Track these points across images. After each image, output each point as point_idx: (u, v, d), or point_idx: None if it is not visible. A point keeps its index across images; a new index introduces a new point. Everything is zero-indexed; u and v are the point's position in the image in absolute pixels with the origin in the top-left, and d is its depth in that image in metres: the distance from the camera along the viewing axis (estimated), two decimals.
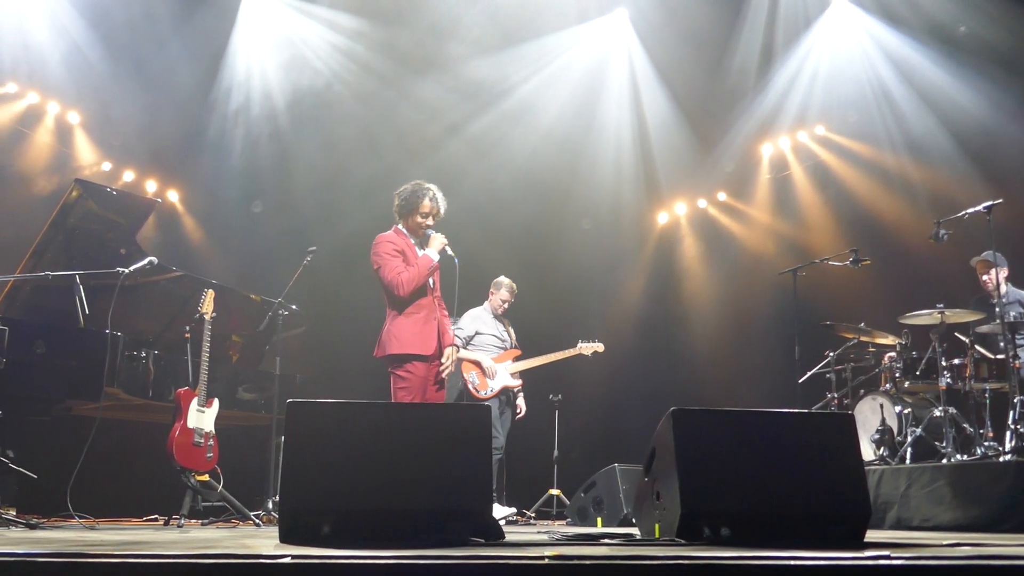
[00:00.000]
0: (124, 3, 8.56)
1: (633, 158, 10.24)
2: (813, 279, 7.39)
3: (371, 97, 9.57)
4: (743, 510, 3.32)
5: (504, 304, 7.54)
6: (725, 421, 3.55)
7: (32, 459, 5.21)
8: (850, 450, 3.50)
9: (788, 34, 9.18)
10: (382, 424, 3.36)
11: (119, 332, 5.77)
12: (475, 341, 7.39)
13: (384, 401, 4.53)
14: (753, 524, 3.30)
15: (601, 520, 6.98)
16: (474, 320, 7.48)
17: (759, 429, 3.52)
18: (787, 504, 3.36)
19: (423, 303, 5.27)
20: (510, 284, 7.58)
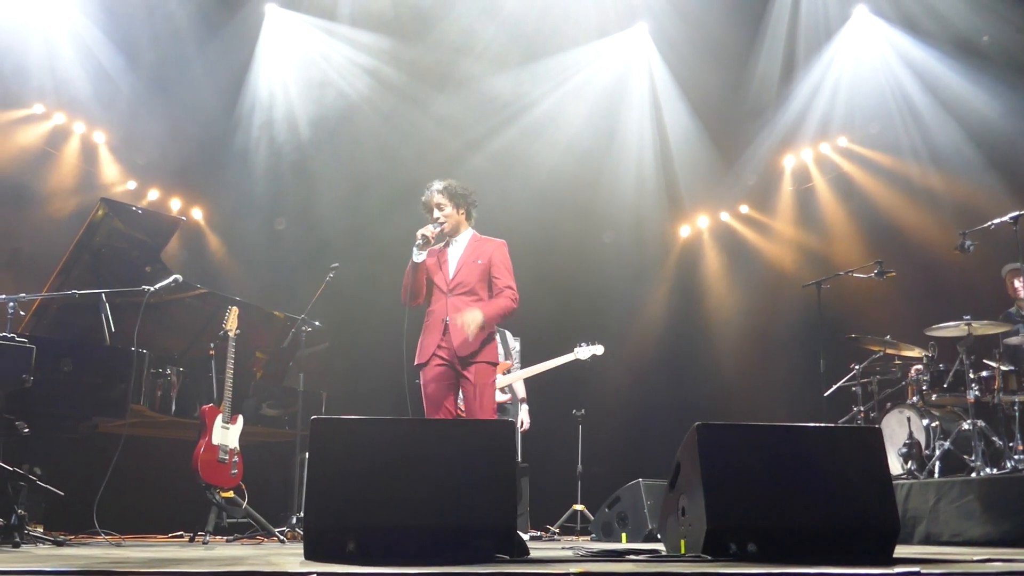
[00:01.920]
0: (149, 24, 8.66)
1: (654, 172, 10.23)
2: (837, 291, 7.34)
3: (392, 114, 9.62)
4: (770, 525, 3.30)
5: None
6: (750, 436, 3.52)
7: (59, 476, 5.24)
8: (878, 464, 3.47)
9: (809, 45, 9.14)
10: (406, 440, 3.36)
11: (144, 349, 5.81)
12: None
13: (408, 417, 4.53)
14: (780, 540, 3.27)
15: (626, 536, 6.94)
16: None
17: (785, 444, 3.49)
18: (814, 519, 3.32)
19: (432, 309, 5.13)
20: None
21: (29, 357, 4.68)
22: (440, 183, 5.20)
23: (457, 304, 5.03)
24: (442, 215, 5.14)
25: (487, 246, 5.22)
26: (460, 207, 5.21)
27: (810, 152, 9.74)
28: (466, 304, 5.02)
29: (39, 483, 4.88)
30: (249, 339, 6.66)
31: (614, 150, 10.09)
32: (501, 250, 5.24)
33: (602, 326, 9.73)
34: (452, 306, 5.03)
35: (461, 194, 5.22)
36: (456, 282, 5.10)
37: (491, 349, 5.09)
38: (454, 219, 5.18)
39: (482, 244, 5.22)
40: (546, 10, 9.08)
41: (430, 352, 5.00)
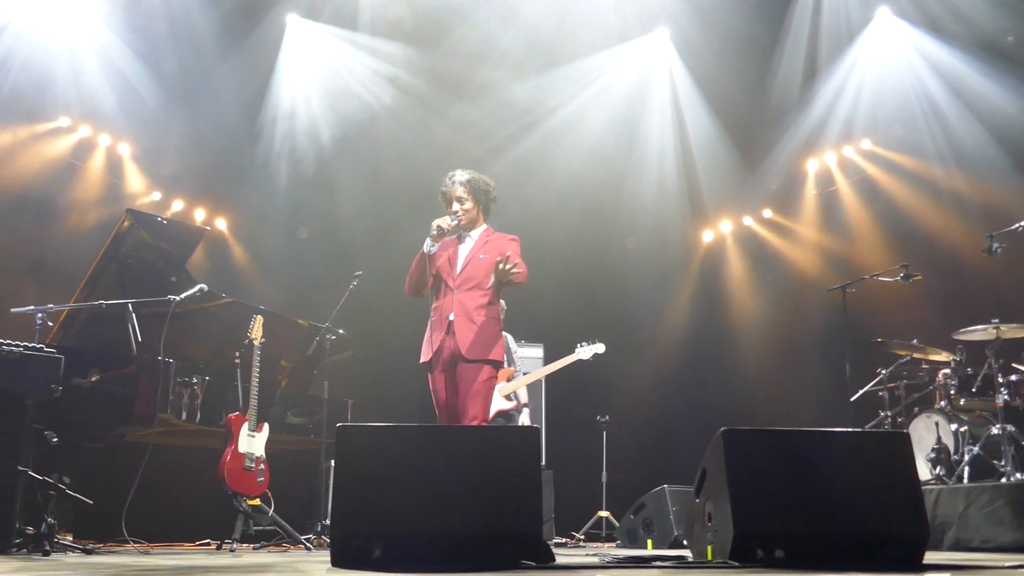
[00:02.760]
0: (172, 36, 8.75)
1: (676, 176, 10.21)
2: (863, 295, 7.27)
3: (413, 122, 9.66)
4: (797, 532, 3.27)
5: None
6: (777, 441, 3.50)
7: (87, 485, 5.28)
8: (906, 469, 3.44)
9: (831, 48, 9.10)
10: (431, 447, 3.37)
11: (171, 359, 5.86)
12: None
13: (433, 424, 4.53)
14: (808, 546, 3.25)
15: (651, 542, 6.92)
16: None
17: (812, 449, 3.47)
18: (842, 525, 3.30)
19: (437, 305, 4.95)
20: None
21: (58, 367, 4.72)
22: (464, 174, 5.05)
23: (463, 300, 4.85)
24: (461, 209, 4.97)
25: (499, 241, 5.04)
26: (480, 202, 5.05)
27: (833, 155, 9.68)
28: (472, 300, 4.85)
29: (68, 492, 4.92)
30: (274, 347, 6.69)
31: (636, 155, 10.08)
32: (513, 244, 5.06)
33: (626, 332, 9.73)
34: (458, 303, 4.85)
35: (483, 189, 5.06)
36: (463, 278, 4.92)
37: (497, 348, 4.87)
38: (472, 214, 5.02)
39: (494, 239, 5.05)
40: (565, 16, 9.09)
41: (432, 350, 4.85)
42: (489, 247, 4.99)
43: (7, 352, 4.53)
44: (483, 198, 5.06)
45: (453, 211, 4.95)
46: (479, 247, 4.99)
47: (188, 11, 8.63)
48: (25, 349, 4.63)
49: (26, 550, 4.50)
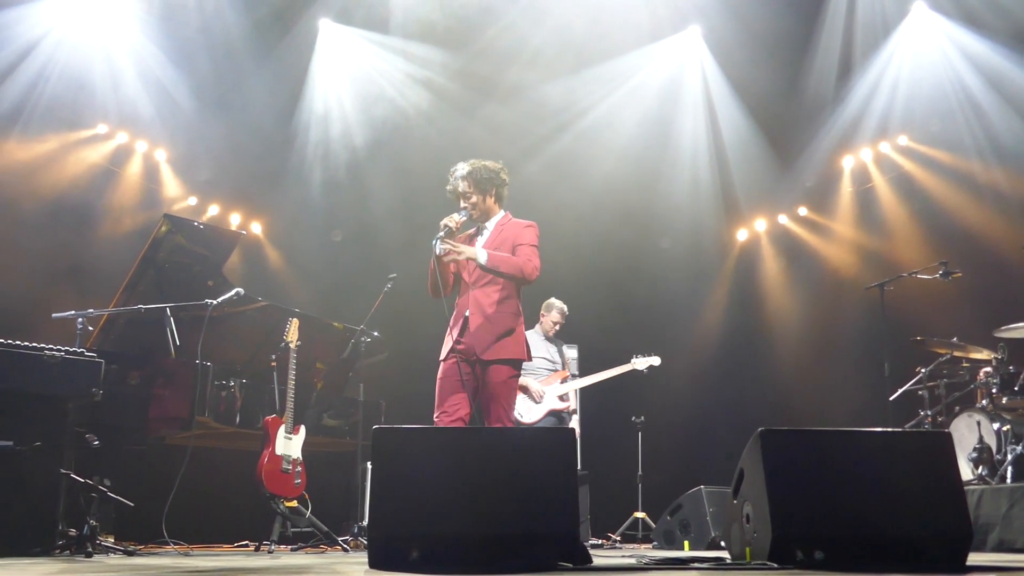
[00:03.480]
0: (207, 43, 8.84)
1: (710, 175, 10.14)
2: (901, 293, 7.18)
3: (445, 124, 9.68)
4: (837, 533, 3.24)
5: (555, 326, 7.46)
6: (815, 441, 3.47)
7: (128, 487, 5.35)
8: (948, 469, 3.39)
9: (866, 44, 8.99)
10: (468, 449, 3.37)
11: (208, 362, 5.91)
12: (525, 365, 7.32)
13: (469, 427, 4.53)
14: (848, 547, 3.21)
15: (688, 543, 6.88)
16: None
17: (851, 449, 3.43)
18: (883, 526, 3.26)
19: (457, 302, 4.79)
20: (561, 307, 7.50)
21: (98, 371, 4.79)
22: (464, 167, 4.84)
23: (478, 297, 4.68)
24: (468, 204, 4.78)
25: (514, 229, 4.81)
26: (487, 193, 4.82)
27: (869, 152, 9.58)
28: (488, 296, 4.67)
29: (110, 494, 4.99)
30: (309, 350, 6.73)
31: (669, 155, 10.03)
32: (528, 230, 4.81)
33: (660, 332, 9.68)
34: (474, 299, 4.68)
35: (487, 177, 4.81)
36: (478, 273, 4.71)
37: (514, 346, 4.68)
38: (482, 207, 4.81)
39: (510, 228, 4.82)
40: (597, 16, 9.07)
41: (448, 347, 4.70)
42: (502, 237, 4.78)
43: (49, 357, 4.61)
44: (488, 186, 4.82)
45: (462, 207, 4.79)
46: (493, 239, 4.78)
47: (222, 18, 8.72)
48: (66, 353, 4.70)
49: (69, 552, 4.56)
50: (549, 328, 7.47)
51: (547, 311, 7.51)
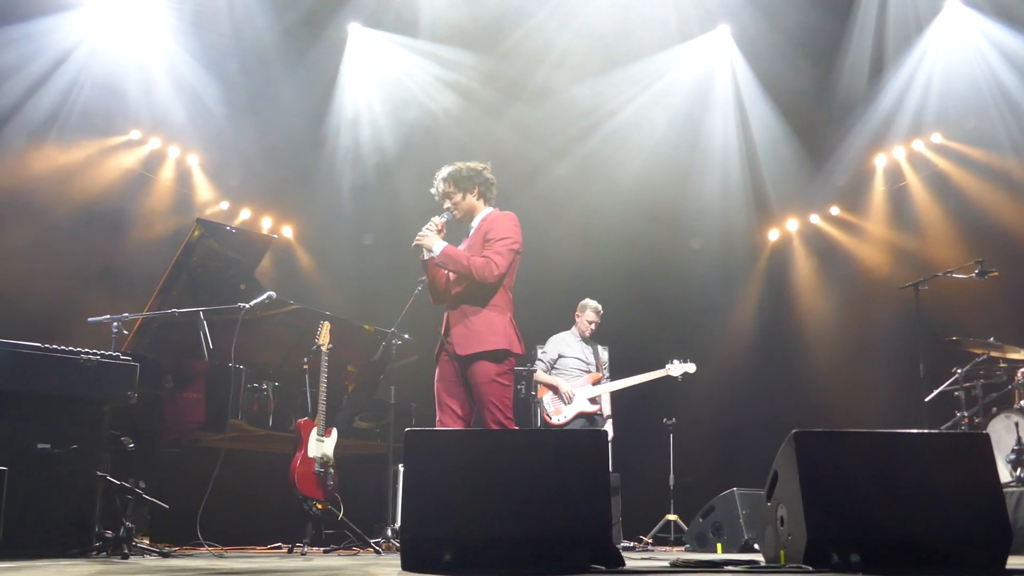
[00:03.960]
0: (238, 49, 8.91)
1: (741, 176, 10.08)
2: (936, 293, 7.10)
3: (475, 126, 9.69)
4: (873, 535, 3.20)
5: (591, 326, 7.45)
6: (850, 443, 3.44)
7: (163, 489, 5.41)
8: (986, 471, 3.34)
9: (899, 41, 8.88)
10: (499, 451, 3.37)
11: (241, 365, 5.96)
12: (558, 365, 7.35)
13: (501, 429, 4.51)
14: (884, 550, 3.18)
15: (721, 546, 6.83)
16: (558, 344, 7.45)
17: (887, 451, 3.39)
18: (921, 529, 3.22)
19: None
20: (596, 306, 7.48)
21: (133, 375, 4.83)
22: (445, 170, 4.80)
23: (459, 292, 4.62)
24: (451, 204, 4.75)
25: (491, 221, 4.71)
26: (469, 191, 4.75)
27: (902, 150, 9.47)
28: (465, 292, 4.58)
29: (145, 496, 5.04)
30: (341, 353, 6.76)
31: (699, 155, 9.98)
32: (499, 221, 4.68)
33: (692, 334, 9.64)
34: (455, 295, 4.64)
35: (467, 176, 4.75)
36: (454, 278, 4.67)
37: (491, 336, 4.48)
38: (464, 205, 4.75)
39: (486, 221, 4.72)
40: (625, 17, 9.03)
41: (438, 348, 4.66)
42: (479, 231, 4.70)
43: (85, 360, 4.66)
44: (469, 184, 4.75)
45: (445, 207, 4.77)
46: (473, 235, 4.73)
47: (253, 24, 8.79)
48: (102, 357, 4.75)
49: (106, 553, 4.61)
50: (584, 328, 7.46)
51: (581, 311, 7.50)
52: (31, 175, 8.09)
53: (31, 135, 8.03)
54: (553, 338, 7.52)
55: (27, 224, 7.91)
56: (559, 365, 7.36)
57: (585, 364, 7.35)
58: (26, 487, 4.25)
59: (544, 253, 9.75)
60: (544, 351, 7.45)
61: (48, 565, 3.86)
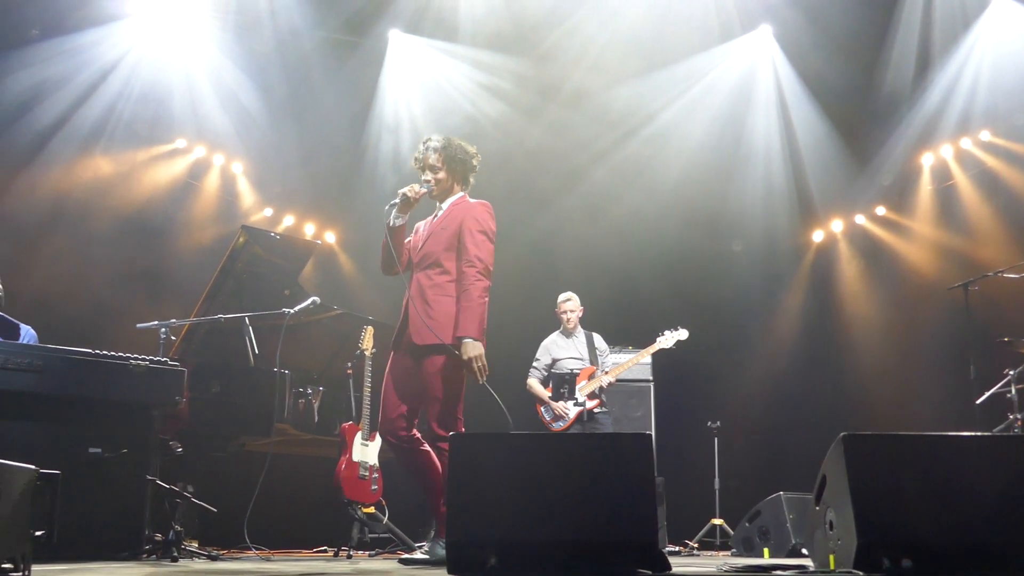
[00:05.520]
0: (281, 58, 9.01)
1: (784, 176, 9.96)
2: (987, 293, 6.97)
3: (515, 130, 9.69)
4: (925, 540, 3.15)
5: (564, 316, 7.28)
6: (901, 446, 3.37)
7: (210, 493, 5.47)
8: None
9: (945, 36, 8.72)
10: (544, 455, 3.37)
11: (286, 370, 6.01)
12: (556, 368, 7.24)
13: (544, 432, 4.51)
14: (937, 555, 3.11)
15: (768, 551, 6.76)
16: (548, 347, 7.33)
17: (939, 454, 3.33)
18: (974, 534, 3.15)
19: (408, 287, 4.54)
20: (561, 297, 7.34)
21: (181, 379, 4.90)
22: (439, 139, 4.56)
23: (420, 280, 4.43)
24: (433, 177, 4.53)
25: (463, 209, 4.50)
26: (455, 172, 4.57)
27: (950, 148, 9.30)
28: (429, 279, 4.40)
29: (193, 500, 5.10)
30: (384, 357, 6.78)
31: (741, 157, 9.89)
32: (475, 212, 4.46)
33: (736, 336, 9.57)
34: (415, 282, 4.45)
35: (460, 158, 4.57)
36: (423, 254, 4.50)
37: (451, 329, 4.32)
38: (445, 184, 4.57)
39: (459, 208, 4.53)
40: (665, 18, 8.98)
41: (393, 339, 4.52)
42: (451, 218, 4.50)
43: (135, 366, 4.73)
44: (459, 167, 4.58)
45: (425, 179, 4.55)
46: (442, 218, 4.54)
47: (295, 33, 8.89)
48: (151, 363, 4.82)
49: (155, 556, 4.67)
50: (564, 321, 7.31)
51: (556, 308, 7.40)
52: (79, 184, 8.25)
53: (80, 145, 8.18)
54: (543, 343, 7.38)
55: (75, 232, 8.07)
56: (556, 368, 7.24)
57: (579, 361, 7.23)
58: (78, 491, 4.32)
59: (585, 257, 9.75)
60: (537, 358, 7.32)
61: (100, 568, 3.92)
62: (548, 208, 9.96)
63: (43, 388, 4.47)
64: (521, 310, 9.41)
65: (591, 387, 7.05)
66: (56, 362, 4.54)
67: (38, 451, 4.13)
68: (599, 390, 7.04)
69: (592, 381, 7.07)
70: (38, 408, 4.51)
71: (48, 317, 6.29)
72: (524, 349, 7.59)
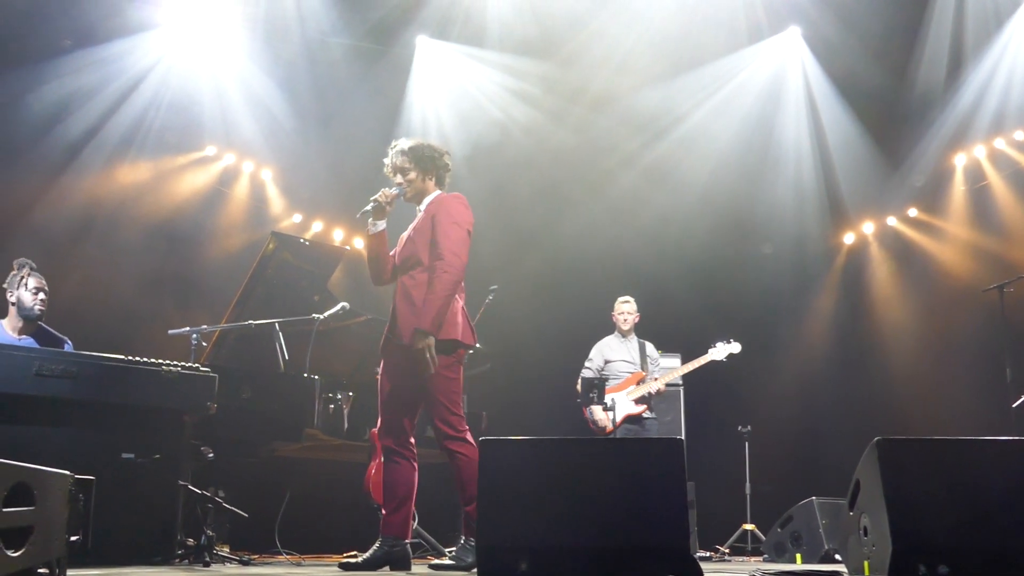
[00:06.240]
0: (310, 65, 9.07)
1: (814, 178, 9.89)
2: (1022, 295, 6.87)
3: (544, 135, 9.69)
4: (962, 546, 3.10)
5: (621, 318, 7.33)
6: (936, 451, 3.33)
7: (241, 498, 5.50)
8: None
9: (978, 35, 8.62)
10: (575, 460, 3.35)
11: (316, 375, 6.03)
12: (607, 370, 7.26)
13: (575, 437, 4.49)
14: (975, 561, 3.07)
15: (800, 556, 6.69)
16: (601, 349, 7.38)
17: (975, 459, 3.28)
18: (1012, 540, 3.10)
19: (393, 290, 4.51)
20: (620, 299, 7.39)
21: (212, 385, 4.93)
22: (406, 142, 4.56)
23: (404, 281, 4.40)
24: (404, 180, 4.50)
25: (435, 205, 4.46)
26: (427, 171, 4.52)
27: (983, 148, 9.19)
28: (412, 279, 4.37)
29: (225, 505, 5.13)
30: None
31: (770, 159, 9.83)
32: (446, 204, 4.41)
33: (766, 340, 9.49)
34: (400, 285, 4.43)
35: (428, 156, 4.53)
36: (403, 256, 4.48)
37: (446, 328, 4.28)
38: (418, 185, 4.52)
39: (433, 204, 4.47)
40: (691, 21, 8.95)
41: (381, 346, 4.49)
42: (427, 216, 4.45)
43: (167, 372, 4.77)
44: (429, 165, 4.53)
45: (397, 183, 4.52)
46: (420, 220, 4.50)
47: (323, 40, 8.94)
48: (183, 369, 4.86)
49: (188, 561, 4.71)
50: (619, 323, 7.35)
51: (613, 311, 7.42)
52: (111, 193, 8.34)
53: (111, 154, 8.27)
54: (597, 344, 7.45)
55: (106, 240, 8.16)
56: (607, 370, 7.27)
57: (630, 365, 7.25)
58: (112, 496, 4.35)
59: (616, 261, 9.72)
60: (590, 359, 7.38)
61: (133, 572, 3.95)
62: (576, 212, 9.94)
63: (77, 394, 4.52)
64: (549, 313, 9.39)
65: (640, 392, 7.06)
66: (90, 368, 4.58)
67: (73, 456, 4.16)
68: (648, 396, 7.06)
69: (641, 386, 7.09)
70: (72, 414, 4.55)
71: (80, 325, 6.35)
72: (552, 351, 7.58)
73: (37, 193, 7.77)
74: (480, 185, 9.84)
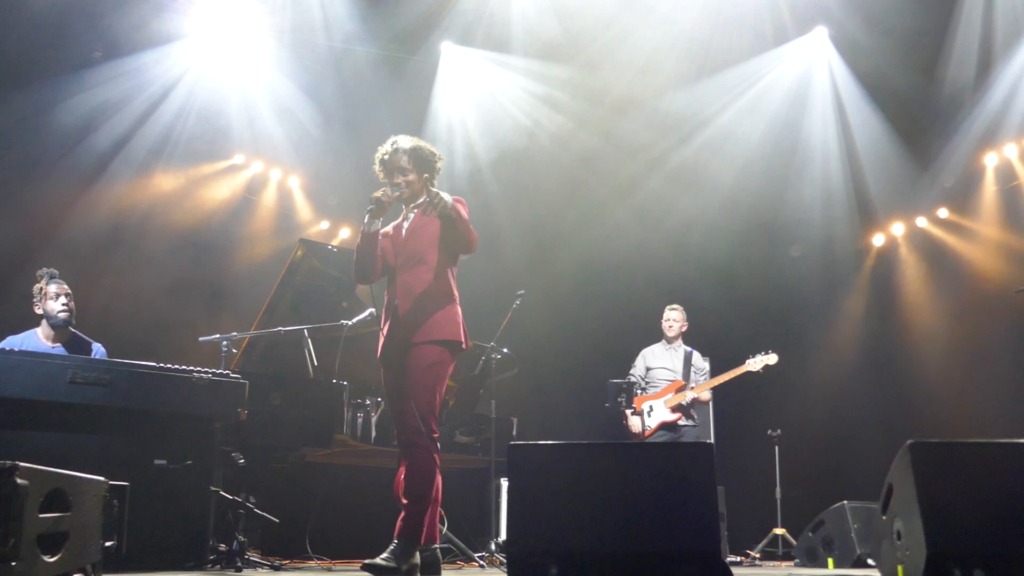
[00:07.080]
0: (335, 73, 9.13)
1: (843, 180, 9.80)
2: None
3: (570, 139, 9.69)
4: (998, 550, 3.06)
5: (667, 324, 7.35)
6: (970, 453, 3.29)
7: (271, 504, 5.53)
8: None
9: (1008, 33, 8.51)
10: (605, 464, 3.34)
11: (345, 381, 6.06)
12: (648, 377, 7.28)
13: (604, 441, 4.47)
14: (1010, 565, 3.03)
15: (832, 561, 6.64)
16: (644, 356, 7.42)
17: (1009, 461, 3.24)
18: None
19: (386, 292, 4.50)
20: (670, 307, 7.42)
21: (243, 392, 4.97)
22: (408, 141, 4.54)
23: (407, 281, 4.36)
24: (404, 180, 4.46)
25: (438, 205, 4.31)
26: (424, 172, 4.49)
27: (1014, 148, 9.07)
28: (416, 277, 4.34)
29: (256, 511, 5.16)
30: None
31: (797, 160, 9.76)
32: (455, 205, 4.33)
33: (795, 343, 9.42)
34: (402, 283, 4.38)
35: (428, 159, 4.52)
36: (405, 255, 4.43)
37: (447, 326, 4.33)
38: (415, 186, 4.48)
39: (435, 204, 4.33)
40: (716, 22, 8.91)
41: (381, 346, 4.42)
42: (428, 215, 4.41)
43: (198, 378, 4.81)
44: (427, 168, 4.51)
45: (396, 182, 4.47)
46: (420, 217, 4.48)
47: (349, 47, 8.99)
48: (213, 375, 4.90)
49: (220, 566, 4.74)
50: (666, 331, 7.36)
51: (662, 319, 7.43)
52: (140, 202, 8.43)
53: (141, 164, 8.37)
54: (642, 351, 7.49)
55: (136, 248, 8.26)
56: (649, 378, 7.30)
57: (671, 373, 7.25)
58: (144, 502, 4.39)
59: (643, 265, 9.70)
60: (634, 365, 7.43)
61: None
62: (602, 216, 9.93)
63: (110, 401, 4.58)
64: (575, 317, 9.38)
65: (676, 401, 7.08)
66: (122, 376, 4.64)
67: (106, 463, 4.22)
68: (683, 404, 7.08)
69: (677, 395, 7.13)
70: (105, 421, 4.61)
71: (111, 332, 6.42)
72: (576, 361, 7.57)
73: (67, 204, 7.88)
74: (506, 190, 9.87)
